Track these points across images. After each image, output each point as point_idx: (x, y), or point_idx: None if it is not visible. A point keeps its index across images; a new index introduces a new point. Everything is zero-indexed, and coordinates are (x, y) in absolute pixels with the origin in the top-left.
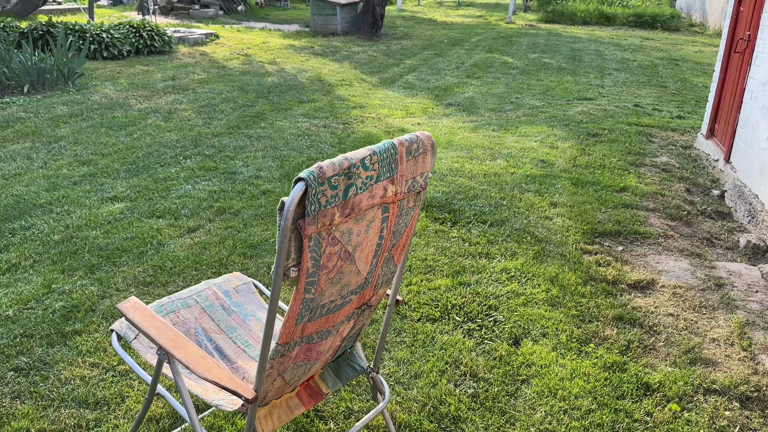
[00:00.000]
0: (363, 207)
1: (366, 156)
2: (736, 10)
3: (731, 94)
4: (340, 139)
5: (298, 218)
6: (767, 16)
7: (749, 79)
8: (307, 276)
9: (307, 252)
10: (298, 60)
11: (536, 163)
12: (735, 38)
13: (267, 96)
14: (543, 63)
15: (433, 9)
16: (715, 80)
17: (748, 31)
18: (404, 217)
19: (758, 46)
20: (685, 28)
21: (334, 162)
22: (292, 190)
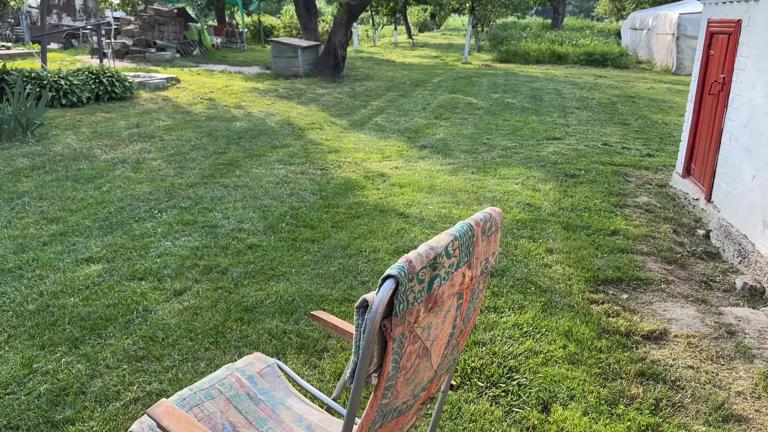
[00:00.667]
0: (444, 298)
1: (449, 242)
2: (706, 53)
3: (707, 135)
4: (321, 186)
5: (383, 318)
6: (741, 60)
7: (727, 120)
8: (386, 380)
9: (390, 355)
10: (264, 103)
11: (523, 206)
12: (707, 80)
13: (238, 142)
14: (506, 103)
15: (389, 50)
16: (688, 121)
17: (722, 74)
18: (474, 301)
19: (734, 89)
20: (633, 65)
21: (421, 253)
22: (381, 288)
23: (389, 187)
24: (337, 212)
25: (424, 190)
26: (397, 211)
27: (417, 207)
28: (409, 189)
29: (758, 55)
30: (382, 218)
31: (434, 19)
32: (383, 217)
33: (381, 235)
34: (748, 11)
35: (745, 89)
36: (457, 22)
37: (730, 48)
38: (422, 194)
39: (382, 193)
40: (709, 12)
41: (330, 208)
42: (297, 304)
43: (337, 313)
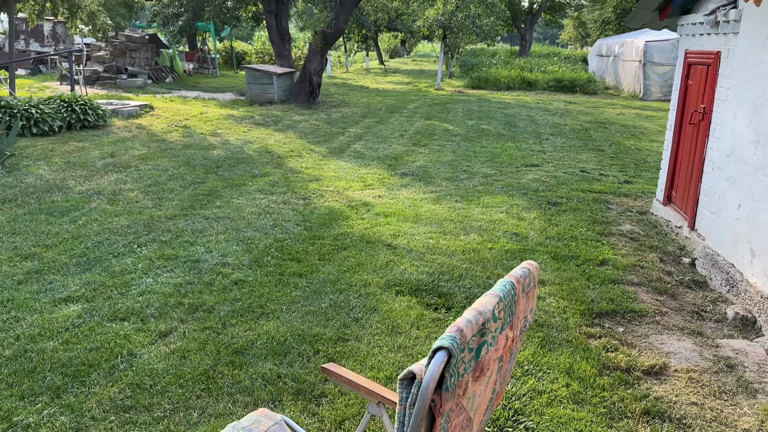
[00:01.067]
0: (489, 364)
1: (495, 305)
2: (684, 83)
3: (688, 164)
4: (304, 217)
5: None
6: (722, 91)
7: (709, 150)
8: None
9: (438, 431)
10: (241, 131)
11: (510, 236)
12: (686, 110)
13: (216, 171)
14: (482, 129)
15: (362, 76)
16: (667, 149)
17: (702, 104)
18: (512, 361)
19: (715, 119)
20: (601, 91)
21: (471, 320)
22: (431, 361)
23: (374, 216)
24: (324, 244)
25: (409, 220)
26: (384, 242)
27: (404, 237)
28: (394, 218)
29: (739, 86)
30: (369, 250)
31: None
32: (370, 248)
33: (370, 267)
34: (727, 44)
35: (727, 119)
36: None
37: (710, 79)
38: (408, 224)
39: (367, 222)
40: (686, 43)
41: (316, 240)
42: (290, 344)
43: (332, 353)
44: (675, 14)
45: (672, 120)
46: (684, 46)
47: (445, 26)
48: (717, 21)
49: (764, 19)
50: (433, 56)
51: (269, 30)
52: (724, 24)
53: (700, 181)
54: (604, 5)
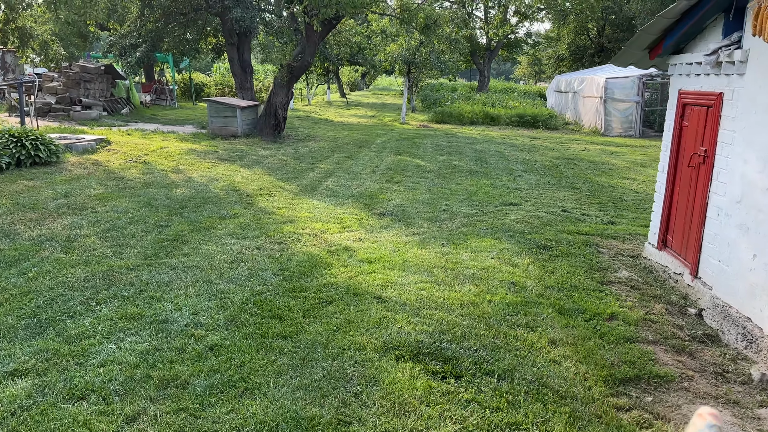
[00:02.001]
0: None
1: None
2: (679, 124)
3: (688, 208)
4: (282, 265)
5: None
6: (726, 134)
7: (712, 194)
8: None
9: None
10: (205, 167)
11: (507, 286)
12: (682, 152)
13: (181, 212)
14: (454, 166)
15: (324, 108)
16: (660, 192)
17: (702, 146)
18: None
19: (719, 162)
20: (562, 127)
21: None
22: None
23: (357, 263)
24: (307, 297)
25: (396, 267)
26: (373, 294)
27: (394, 288)
28: (379, 266)
29: (748, 129)
30: (358, 304)
31: (364, 78)
32: (359, 302)
33: (362, 326)
34: (731, 85)
35: (735, 164)
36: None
37: (712, 121)
38: (395, 272)
39: (351, 270)
40: (679, 83)
41: (297, 292)
42: None
43: None
44: (666, 53)
45: (665, 162)
46: (677, 86)
47: (409, 61)
48: (719, 61)
49: None
50: (392, 89)
51: (231, 62)
52: (728, 65)
53: (703, 226)
54: (559, 43)
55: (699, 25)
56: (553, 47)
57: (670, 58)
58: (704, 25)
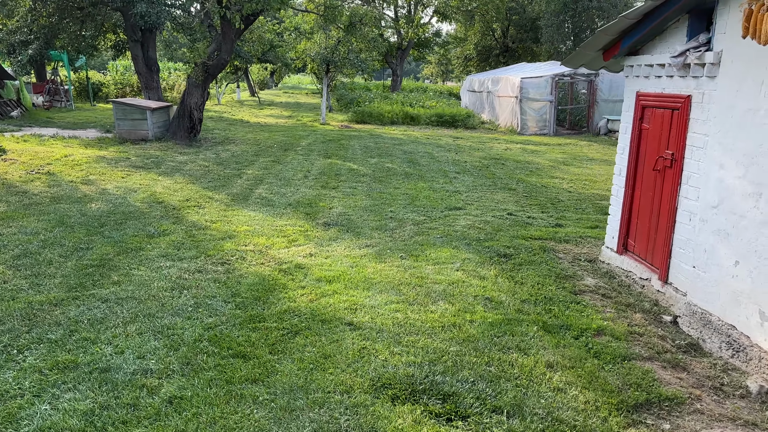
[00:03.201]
0: None
1: None
2: (638, 126)
3: (653, 212)
4: (232, 290)
5: None
6: (697, 137)
7: (683, 198)
8: None
9: None
10: (118, 176)
11: (483, 302)
12: (641, 155)
13: (101, 231)
14: (387, 168)
15: (236, 108)
16: (618, 195)
17: (668, 150)
18: None
19: (689, 166)
20: (479, 126)
21: None
22: None
23: (315, 283)
24: (268, 328)
25: (360, 286)
26: (342, 320)
27: (364, 312)
28: (340, 285)
29: (723, 133)
30: (328, 333)
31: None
32: (329, 330)
33: (341, 360)
34: (700, 87)
35: (710, 168)
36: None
37: (679, 124)
38: (360, 292)
39: (310, 292)
40: (636, 85)
41: (256, 323)
42: None
43: None
44: (622, 54)
45: (622, 164)
46: (634, 87)
47: (328, 60)
48: (687, 63)
49: (758, 62)
50: (303, 88)
51: (135, 60)
52: (697, 67)
53: (673, 231)
54: (465, 43)
55: (660, 27)
56: (460, 47)
57: (625, 59)
58: (665, 27)
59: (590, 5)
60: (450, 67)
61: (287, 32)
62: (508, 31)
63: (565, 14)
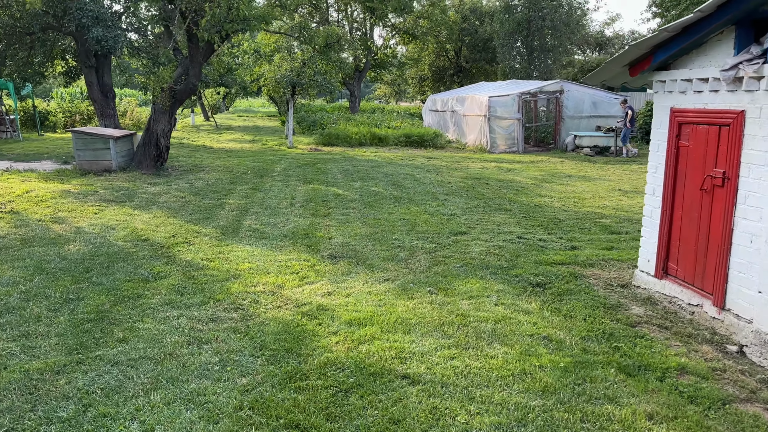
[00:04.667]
0: None
1: None
2: (675, 144)
3: (701, 234)
4: (256, 341)
5: None
6: (754, 155)
7: (740, 219)
8: None
9: None
10: (90, 212)
11: (542, 342)
12: (681, 173)
13: (88, 277)
14: (374, 192)
15: (194, 133)
16: (653, 216)
17: (718, 168)
18: None
19: (745, 185)
20: (446, 145)
21: None
22: None
23: (347, 327)
24: (313, 387)
25: (398, 329)
26: (395, 372)
27: (416, 361)
28: (376, 329)
29: None
30: (385, 390)
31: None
32: (385, 386)
33: (415, 426)
34: (756, 101)
35: None
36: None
37: (730, 141)
38: (401, 336)
39: (345, 339)
40: (670, 101)
41: (298, 381)
42: None
43: None
44: (651, 69)
45: (656, 184)
46: (667, 103)
47: (294, 82)
48: (739, 77)
49: None
50: (256, 111)
51: (89, 87)
52: (751, 80)
53: (729, 254)
54: (420, 63)
55: (700, 40)
56: (415, 67)
57: (654, 74)
58: (705, 40)
59: (543, 24)
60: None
61: (246, 55)
62: (461, 51)
63: (518, 33)
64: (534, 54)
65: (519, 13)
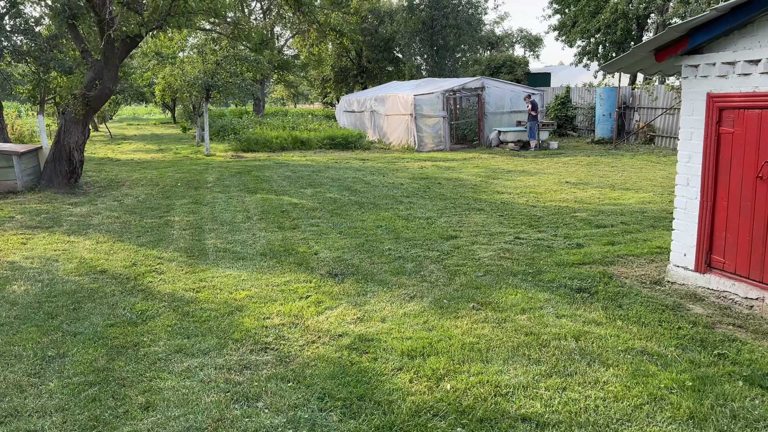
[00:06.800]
0: None
1: None
2: (715, 131)
3: (757, 224)
4: (317, 392)
5: None
6: None
7: None
8: None
9: None
10: (15, 242)
11: (644, 358)
12: (724, 161)
13: (58, 326)
14: (331, 199)
15: (90, 145)
16: (688, 208)
17: None
18: None
19: None
20: (371, 146)
21: None
22: None
23: (409, 360)
24: None
25: (472, 358)
26: (510, 415)
27: (522, 397)
28: (445, 360)
29: None
30: None
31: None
32: None
33: None
34: None
35: None
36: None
37: None
38: (481, 366)
39: (418, 376)
40: (706, 86)
41: None
42: None
43: None
44: (683, 53)
45: (691, 173)
46: (701, 89)
47: (210, 86)
48: None
49: None
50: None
51: None
52: None
53: None
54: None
55: (747, 21)
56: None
57: (684, 59)
58: (753, 20)
59: (447, 23)
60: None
61: (146, 57)
62: (362, 52)
63: (423, 32)
64: (439, 53)
65: (423, 12)
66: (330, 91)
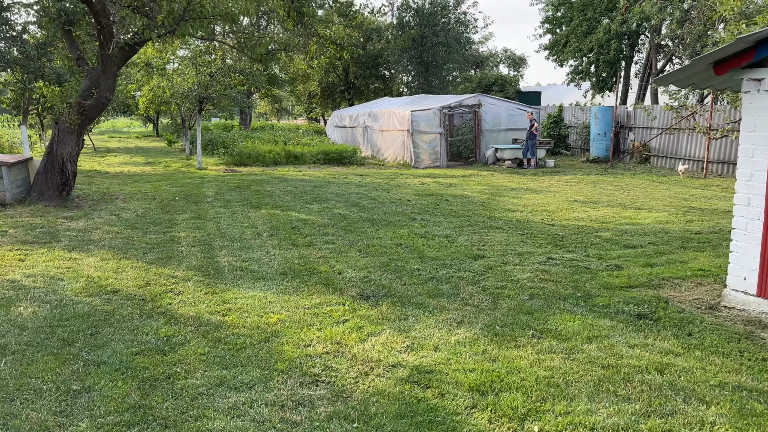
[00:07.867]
0: None
1: None
2: None
3: None
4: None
5: None
6: None
7: None
8: None
9: None
10: (13, 259)
11: (740, 394)
12: None
13: (77, 354)
14: (341, 215)
15: None
16: (751, 229)
17: None
18: None
19: None
20: (365, 162)
21: None
22: None
23: (480, 397)
24: None
25: (553, 395)
26: None
27: None
28: (521, 396)
29: None
30: None
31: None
32: None
33: None
34: None
35: None
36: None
37: None
38: (566, 404)
39: (497, 416)
40: None
41: None
42: None
43: None
44: (746, 66)
45: (757, 192)
46: (767, 103)
47: (203, 97)
48: None
49: None
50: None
51: None
52: None
53: None
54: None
55: None
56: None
57: (749, 72)
58: None
59: (437, 41)
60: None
61: (135, 68)
62: (350, 68)
63: (413, 50)
64: (429, 70)
65: (413, 29)
66: (316, 106)
